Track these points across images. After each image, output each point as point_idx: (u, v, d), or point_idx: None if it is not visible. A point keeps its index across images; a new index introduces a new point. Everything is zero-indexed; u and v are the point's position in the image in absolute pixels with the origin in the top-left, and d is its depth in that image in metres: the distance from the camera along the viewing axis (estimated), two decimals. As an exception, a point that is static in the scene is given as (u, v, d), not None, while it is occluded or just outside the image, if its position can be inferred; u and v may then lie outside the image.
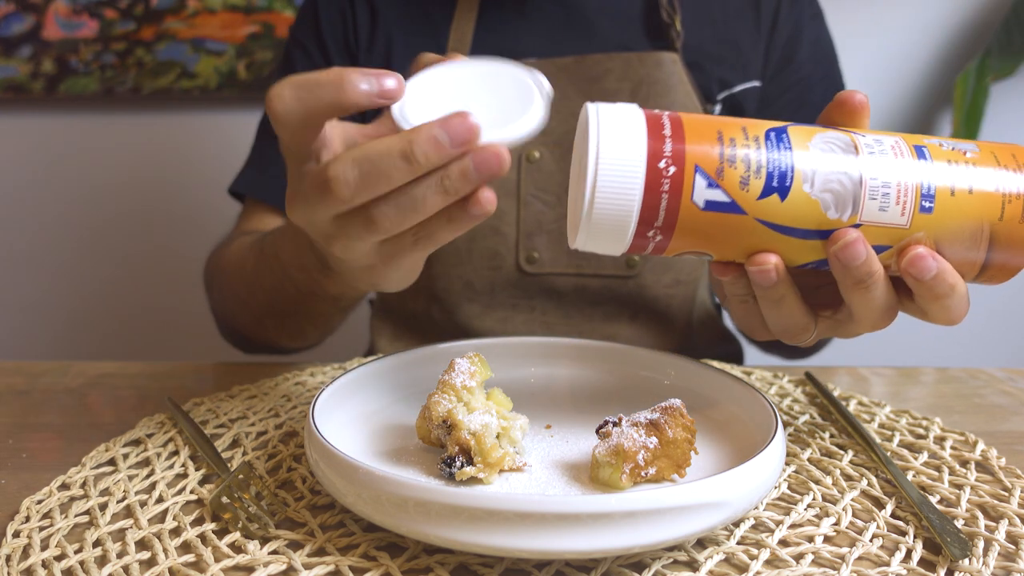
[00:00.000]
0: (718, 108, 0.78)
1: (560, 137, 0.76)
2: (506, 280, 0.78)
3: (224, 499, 0.42)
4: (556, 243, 0.77)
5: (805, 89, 0.81)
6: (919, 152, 0.39)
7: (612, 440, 0.40)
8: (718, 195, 0.37)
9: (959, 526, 0.40)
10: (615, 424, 0.42)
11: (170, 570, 0.37)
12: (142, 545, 0.39)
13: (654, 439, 0.40)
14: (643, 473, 0.39)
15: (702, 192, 0.37)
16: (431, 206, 0.38)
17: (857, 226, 0.38)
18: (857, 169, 0.38)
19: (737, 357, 0.88)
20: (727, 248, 0.39)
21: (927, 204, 0.38)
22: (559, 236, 0.77)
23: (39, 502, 0.43)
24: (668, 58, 0.75)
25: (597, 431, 0.43)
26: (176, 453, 0.50)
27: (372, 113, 0.85)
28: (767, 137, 0.38)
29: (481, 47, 0.78)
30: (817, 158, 0.38)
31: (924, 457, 0.48)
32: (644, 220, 0.37)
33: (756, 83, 0.80)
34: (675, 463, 0.40)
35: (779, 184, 0.37)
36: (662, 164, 0.37)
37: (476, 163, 0.37)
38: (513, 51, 0.78)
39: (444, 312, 0.80)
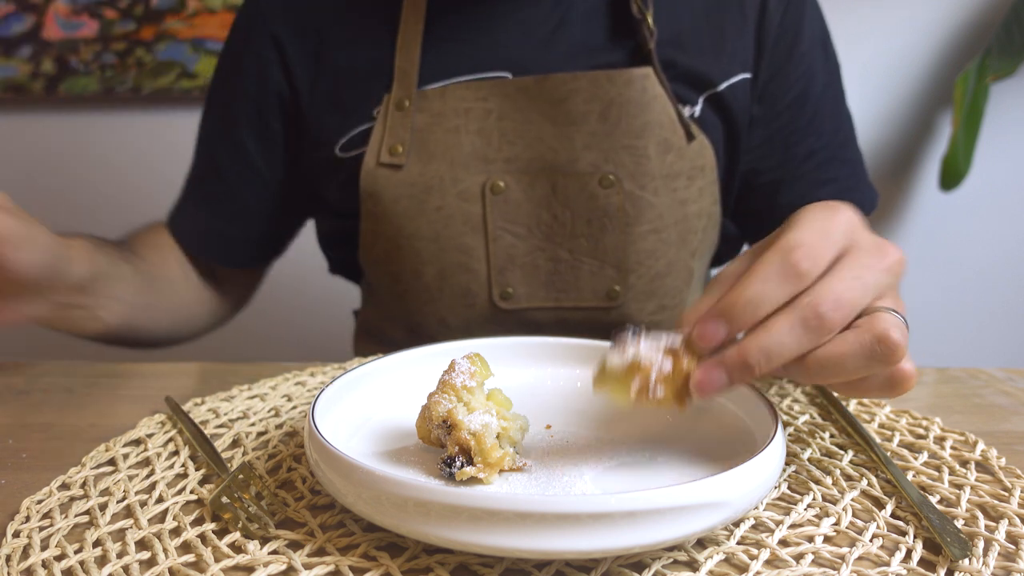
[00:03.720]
0: (699, 108, 0.73)
1: (526, 164, 0.72)
2: (482, 316, 0.75)
3: (224, 499, 0.42)
4: (531, 276, 0.73)
5: (808, 81, 0.76)
6: None
7: (629, 352, 0.39)
8: None
9: (959, 526, 0.40)
10: (635, 333, 0.40)
11: (170, 570, 0.37)
12: (142, 545, 0.39)
13: (669, 363, 0.39)
14: (650, 394, 0.38)
15: None
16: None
17: None
18: None
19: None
20: None
21: None
22: (534, 269, 0.73)
23: (39, 502, 0.43)
24: (640, 74, 0.70)
25: (613, 336, 0.41)
26: (176, 453, 0.50)
27: None
28: None
29: (431, 67, 0.73)
30: None
31: (924, 457, 0.48)
32: None
33: (746, 75, 0.74)
34: (678, 394, 0.40)
35: None
36: None
37: None
38: (466, 68, 0.73)
39: (422, 343, 0.78)
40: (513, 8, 0.74)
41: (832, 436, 0.51)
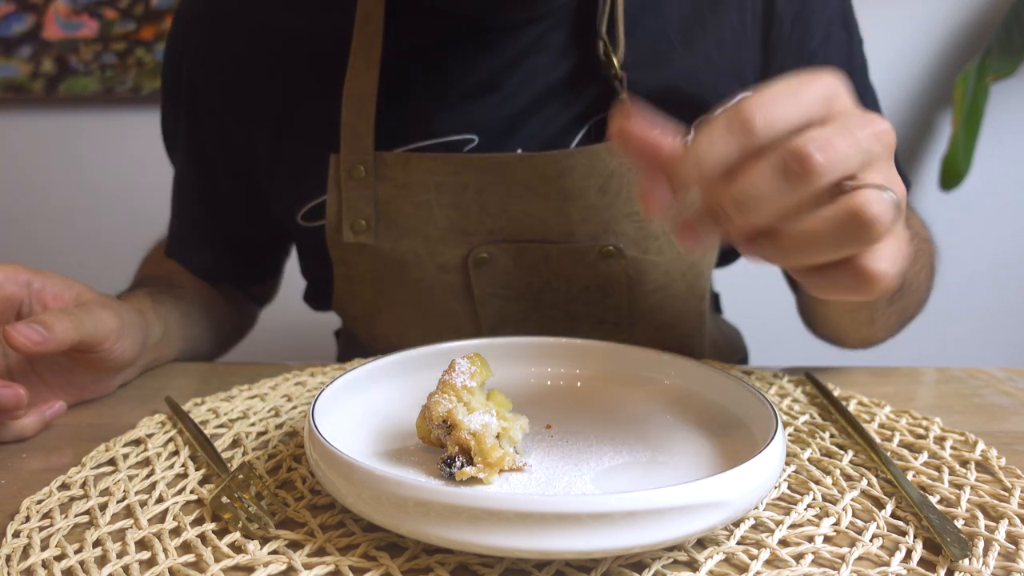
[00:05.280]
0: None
1: (512, 235, 0.65)
2: None
3: (224, 499, 0.42)
4: (526, 333, 0.66)
5: (822, 46, 0.67)
6: None
7: None
8: None
9: (959, 526, 0.40)
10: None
11: (170, 570, 0.37)
12: (142, 545, 0.39)
13: None
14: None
15: None
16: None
17: None
18: None
19: (741, 361, 0.88)
20: None
21: None
22: (528, 325, 0.69)
23: (39, 502, 0.43)
24: None
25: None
26: (176, 453, 0.50)
27: None
28: None
29: (385, 126, 0.64)
30: None
31: (924, 457, 0.48)
32: None
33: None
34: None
35: None
36: None
37: None
38: (424, 129, 0.64)
39: None
40: (471, 59, 0.65)
41: (832, 436, 0.51)
